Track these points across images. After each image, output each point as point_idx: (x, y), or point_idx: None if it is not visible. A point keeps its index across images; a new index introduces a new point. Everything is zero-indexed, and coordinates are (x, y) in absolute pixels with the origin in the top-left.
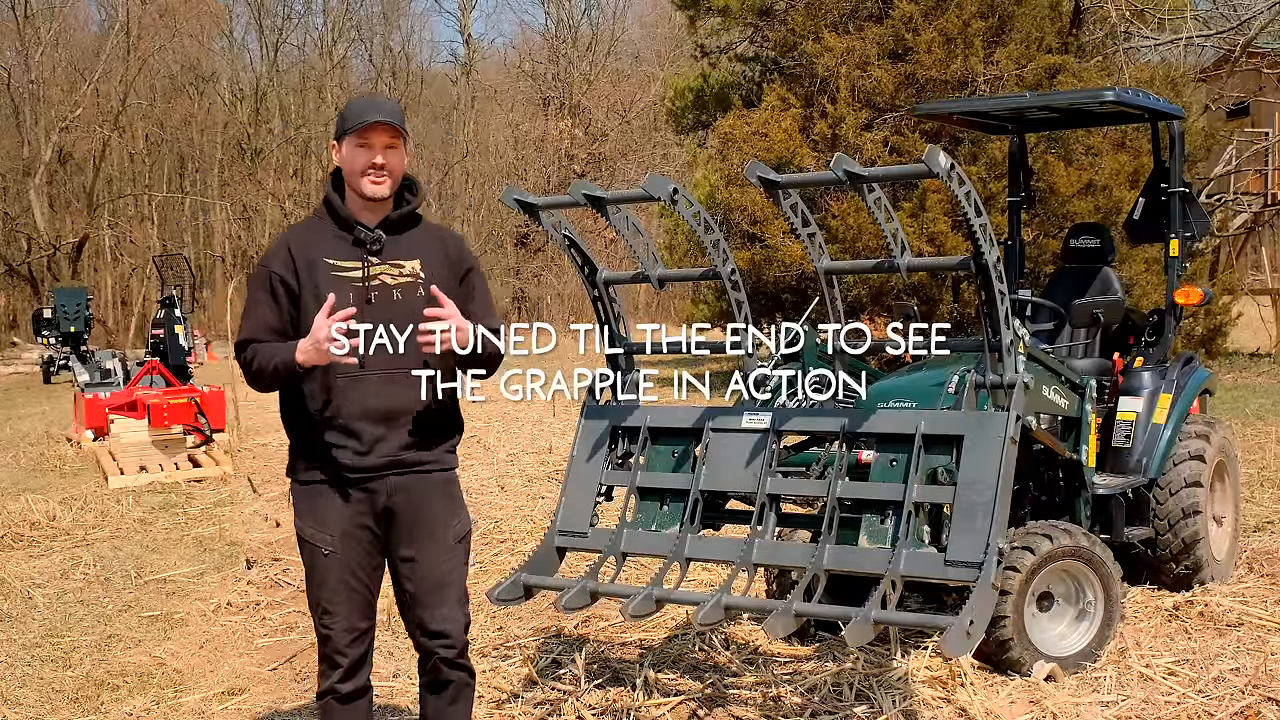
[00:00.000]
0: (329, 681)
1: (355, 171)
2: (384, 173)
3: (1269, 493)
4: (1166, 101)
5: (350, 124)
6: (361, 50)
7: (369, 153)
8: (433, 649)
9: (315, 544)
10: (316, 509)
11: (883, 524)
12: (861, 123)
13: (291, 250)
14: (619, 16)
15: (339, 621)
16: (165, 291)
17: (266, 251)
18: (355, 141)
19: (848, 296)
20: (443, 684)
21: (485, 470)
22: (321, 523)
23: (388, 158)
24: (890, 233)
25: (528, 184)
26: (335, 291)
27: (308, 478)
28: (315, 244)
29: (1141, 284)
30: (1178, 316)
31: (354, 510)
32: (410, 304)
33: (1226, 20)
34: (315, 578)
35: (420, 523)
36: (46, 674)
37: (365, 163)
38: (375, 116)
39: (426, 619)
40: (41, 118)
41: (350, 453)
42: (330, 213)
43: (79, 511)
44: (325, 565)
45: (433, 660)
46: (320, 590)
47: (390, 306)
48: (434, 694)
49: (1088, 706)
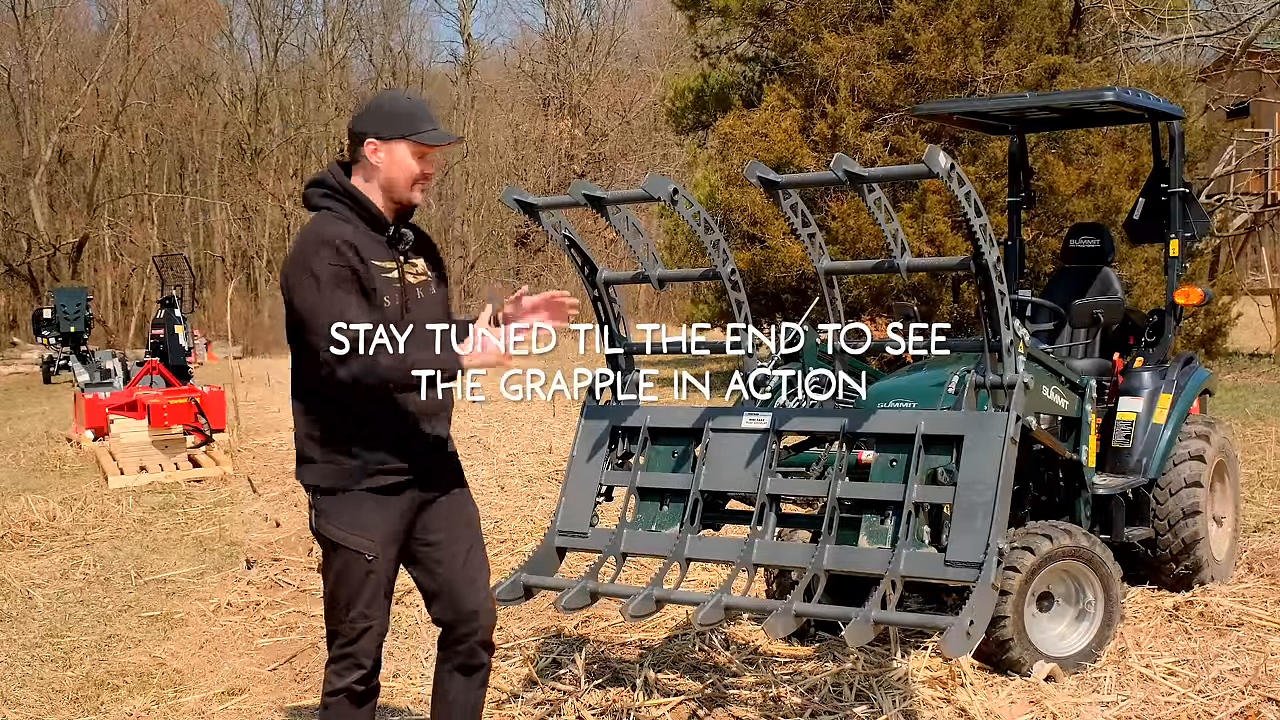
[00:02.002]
0: (347, 680)
1: (405, 178)
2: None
3: (1269, 493)
4: (1166, 101)
5: (415, 131)
6: (361, 50)
7: (425, 164)
8: (472, 630)
9: (359, 550)
10: (360, 516)
11: (883, 524)
12: (861, 123)
13: (356, 248)
14: (619, 16)
15: (375, 626)
16: (165, 291)
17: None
18: (414, 150)
19: (848, 297)
20: (475, 667)
21: (485, 470)
22: (366, 530)
23: (433, 168)
24: (890, 233)
25: (528, 184)
26: (386, 293)
27: (351, 485)
28: (359, 242)
29: (1141, 284)
30: (1178, 316)
31: (397, 514)
32: (428, 301)
33: (1226, 20)
34: (351, 583)
35: (450, 507)
36: (46, 674)
37: (420, 173)
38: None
39: (466, 599)
40: (41, 118)
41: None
42: (361, 211)
43: (79, 511)
44: (365, 572)
45: (469, 643)
46: (358, 596)
47: (419, 305)
48: (465, 676)
49: (1088, 706)
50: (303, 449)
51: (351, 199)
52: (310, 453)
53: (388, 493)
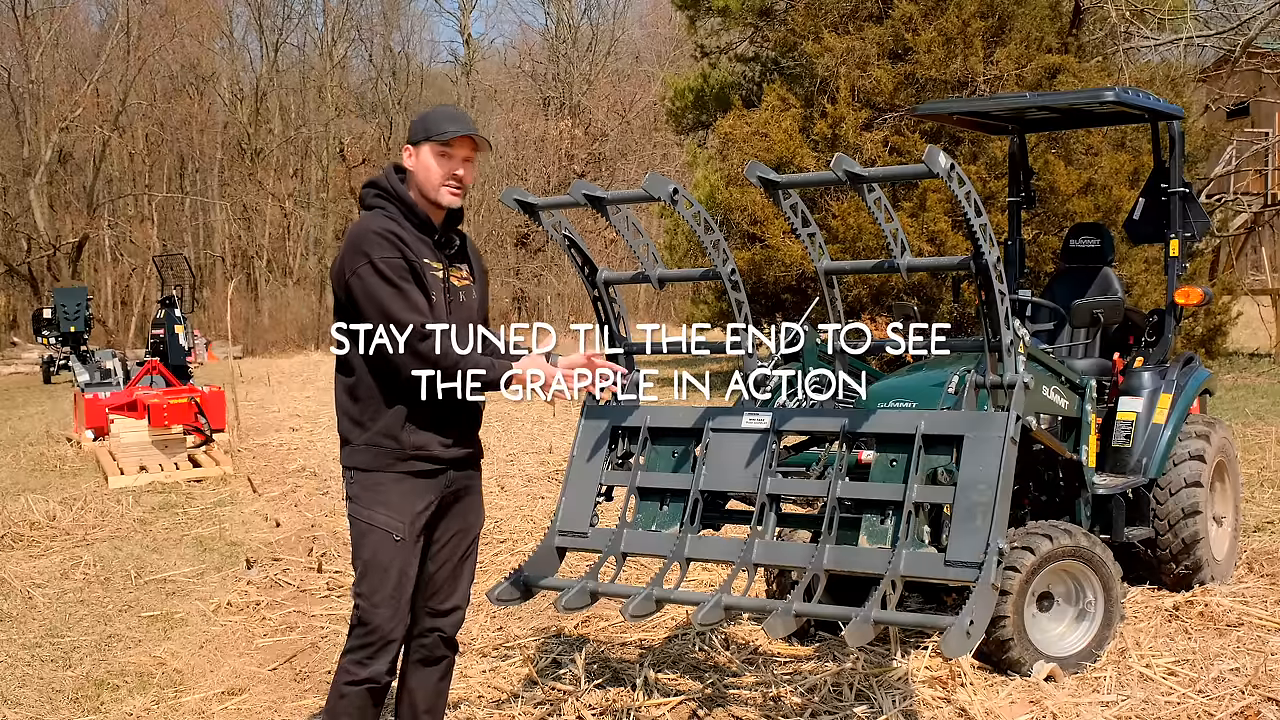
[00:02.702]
0: (371, 669)
1: (434, 179)
2: (461, 185)
3: (1269, 493)
4: (1166, 101)
5: (434, 132)
6: (361, 50)
7: (451, 164)
8: (438, 625)
9: (388, 530)
10: (391, 499)
11: (883, 524)
12: (861, 123)
13: (405, 244)
14: (619, 16)
15: (401, 610)
16: (165, 291)
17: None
18: (438, 150)
19: (848, 296)
20: (437, 659)
21: (485, 470)
22: (396, 511)
23: (466, 170)
24: (890, 233)
25: (528, 184)
26: (435, 291)
27: (383, 469)
28: (410, 242)
29: (1141, 284)
30: (1178, 316)
31: (425, 501)
32: (469, 306)
33: (1226, 20)
34: (380, 565)
35: (461, 510)
36: (46, 674)
37: (447, 173)
38: (463, 130)
39: (443, 595)
40: (41, 118)
41: (439, 446)
42: (410, 213)
43: (79, 511)
44: (393, 553)
45: (433, 636)
46: (384, 577)
47: (460, 308)
48: (426, 668)
49: (1088, 706)
50: (345, 433)
51: (400, 201)
52: (351, 436)
53: (421, 478)
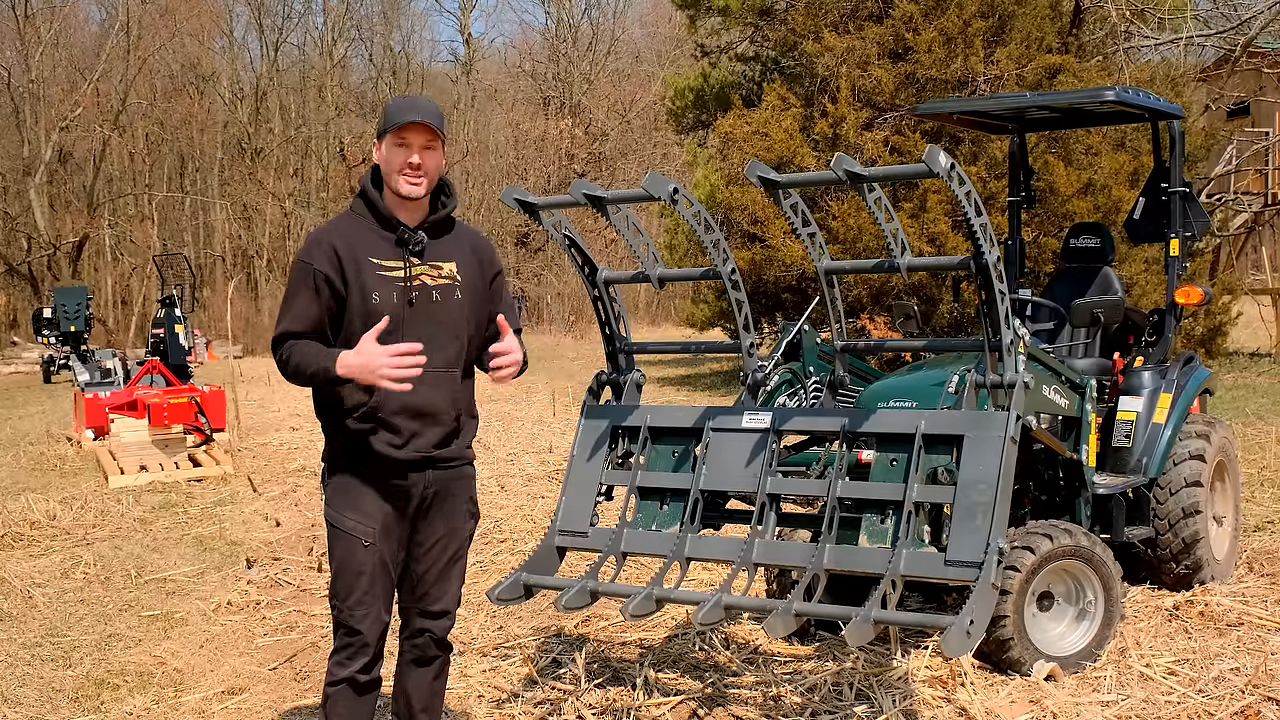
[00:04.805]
0: (350, 670)
1: (392, 170)
2: (420, 173)
3: (1269, 493)
4: (1166, 101)
5: (389, 123)
6: (361, 50)
7: (406, 152)
8: (428, 627)
9: (356, 535)
10: (359, 501)
11: (883, 524)
12: (861, 122)
13: (337, 248)
14: (619, 16)
15: (373, 612)
16: (165, 291)
17: (306, 247)
18: (394, 140)
19: (848, 296)
20: (429, 660)
21: (485, 470)
22: (365, 515)
23: (425, 158)
24: (890, 233)
25: (528, 184)
26: (380, 290)
27: (349, 470)
28: (360, 242)
29: (1141, 284)
30: (1178, 316)
31: (393, 504)
32: (447, 305)
33: (1226, 20)
34: (351, 569)
35: (444, 512)
36: (46, 673)
37: (402, 162)
38: (413, 117)
39: (432, 597)
40: (41, 117)
41: (388, 445)
42: (372, 210)
43: (79, 511)
44: (364, 556)
45: (424, 637)
46: (356, 581)
47: (429, 307)
48: (419, 668)
49: (1088, 706)
50: (325, 435)
51: (365, 199)
52: (326, 438)
53: (377, 478)
